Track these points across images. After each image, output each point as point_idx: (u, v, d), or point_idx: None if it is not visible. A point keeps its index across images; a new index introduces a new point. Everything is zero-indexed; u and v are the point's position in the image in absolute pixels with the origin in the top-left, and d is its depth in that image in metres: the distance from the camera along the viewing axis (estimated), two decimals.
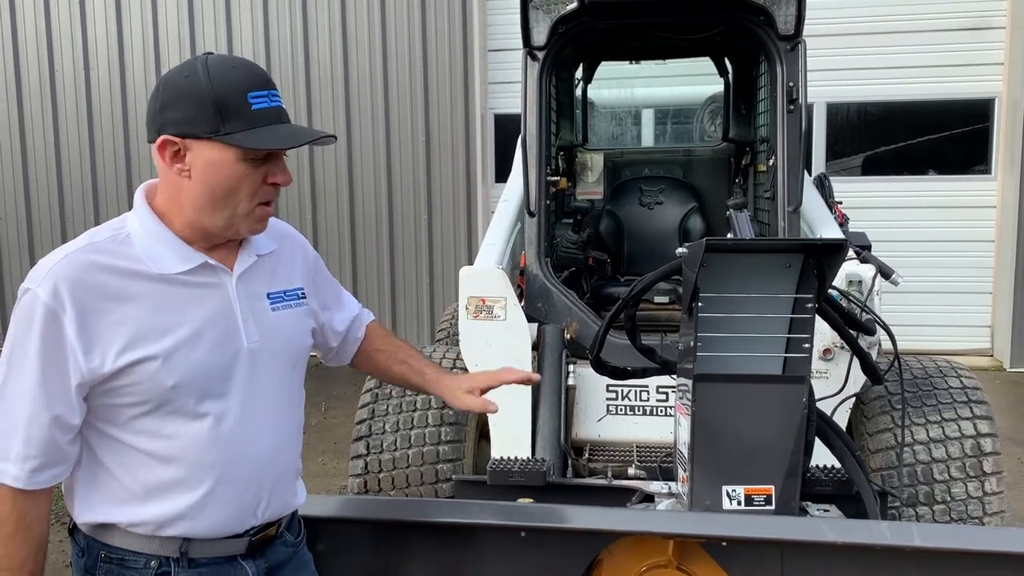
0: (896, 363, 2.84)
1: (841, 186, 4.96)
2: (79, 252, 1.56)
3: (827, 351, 3.31)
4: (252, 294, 1.70)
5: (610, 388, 3.61)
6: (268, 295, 1.73)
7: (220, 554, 1.65)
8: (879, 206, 7.59)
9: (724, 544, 2.14)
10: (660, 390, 3.57)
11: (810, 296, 2.37)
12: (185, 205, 1.61)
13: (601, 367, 2.84)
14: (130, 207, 1.67)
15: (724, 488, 2.40)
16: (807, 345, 2.38)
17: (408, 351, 2.14)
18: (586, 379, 3.55)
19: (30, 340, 1.50)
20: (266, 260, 1.76)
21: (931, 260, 7.86)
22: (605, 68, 5.34)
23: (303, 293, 1.82)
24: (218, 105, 1.54)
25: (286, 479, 1.76)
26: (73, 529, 1.67)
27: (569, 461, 3.43)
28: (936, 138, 8.19)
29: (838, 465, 2.74)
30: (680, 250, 2.41)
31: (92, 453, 1.60)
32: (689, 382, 2.42)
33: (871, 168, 8.33)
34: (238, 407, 1.63)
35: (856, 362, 2.74)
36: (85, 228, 1.69)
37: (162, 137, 1.57)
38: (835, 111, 8.24)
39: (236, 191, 1.58)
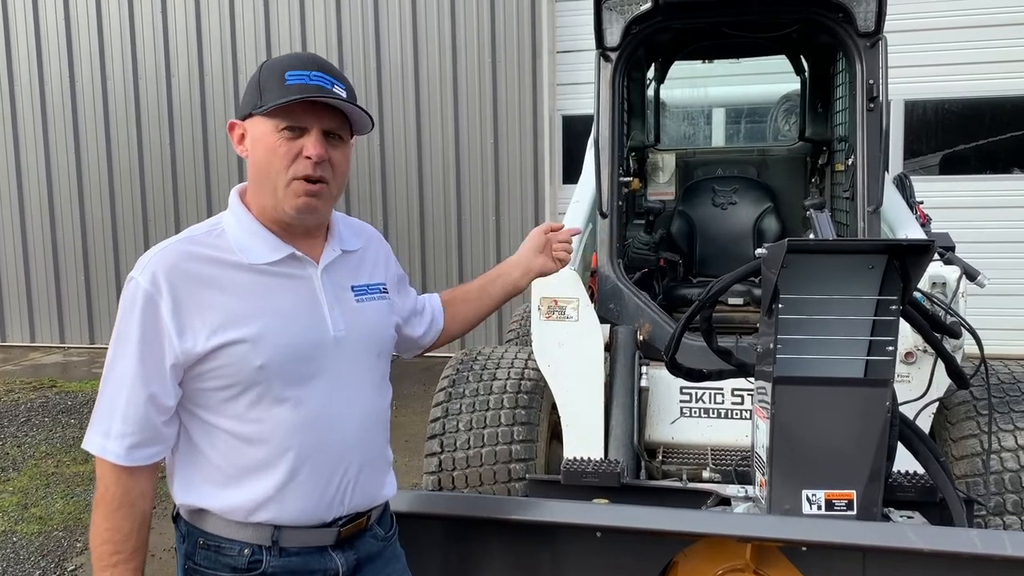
0: (983, 367, 2.77)
1: (918, 185, 4.83)
2: (177, 244, 1.67)
3: (909, 354, 3.24)
4: (337, 285, 1.77)
5: (684, 390, 3.59)
6: (352, 287, 1.81)
7: (310, 544, 1.70)
8: (959, 206, 7.40)
9: (804, 549, 2.12)
10: (735, 393, 3.53)
11: (894, 298, 2.32)
12: (250, 187, 1.73)
13: (676, 369, 2.82)
14: None
15: (804, 492, 2.36)
16: (891, 348, 2.33)
17: (469, 283, 2.24)
18: (659, 381, 3.53)
19: (132, 324, 1.60)
20: (351, 256, 1.84)
21: (1017, 262, 7.63)
22: (677, 67, 5.29)
23: (385, 288, 1.89)
24: (260, 85, 1.67)
25: (374, 468, 1.80)
26: (176, 517, 1.75)
27: (642, 463, 3.41)
28: (1021, 135, 7.91)
29: (921, 471, 2.68)
30: (760, 251, 2.38)
31: (188, 436, 1.68)
32: (768, 384, 2.39)
33: (949, 167, 8.10)
34: (324, 393, 1.69)
35: (940, 366, 2.68)
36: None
37: (230, 121, 1.75)
38: (911, 108, 8.04)
39: (272, 162, 1.66)
